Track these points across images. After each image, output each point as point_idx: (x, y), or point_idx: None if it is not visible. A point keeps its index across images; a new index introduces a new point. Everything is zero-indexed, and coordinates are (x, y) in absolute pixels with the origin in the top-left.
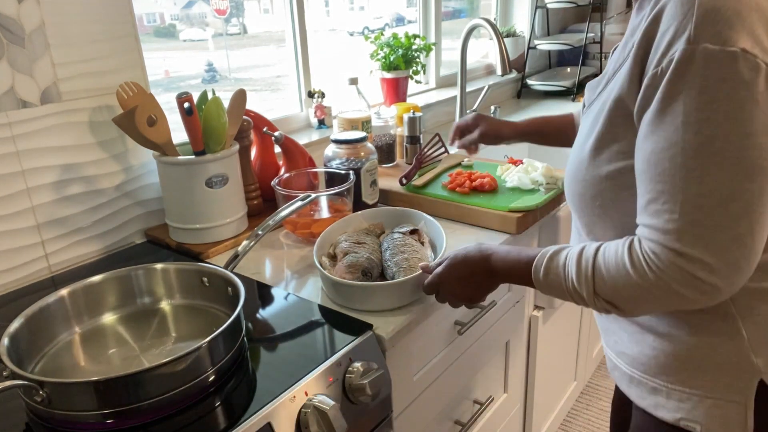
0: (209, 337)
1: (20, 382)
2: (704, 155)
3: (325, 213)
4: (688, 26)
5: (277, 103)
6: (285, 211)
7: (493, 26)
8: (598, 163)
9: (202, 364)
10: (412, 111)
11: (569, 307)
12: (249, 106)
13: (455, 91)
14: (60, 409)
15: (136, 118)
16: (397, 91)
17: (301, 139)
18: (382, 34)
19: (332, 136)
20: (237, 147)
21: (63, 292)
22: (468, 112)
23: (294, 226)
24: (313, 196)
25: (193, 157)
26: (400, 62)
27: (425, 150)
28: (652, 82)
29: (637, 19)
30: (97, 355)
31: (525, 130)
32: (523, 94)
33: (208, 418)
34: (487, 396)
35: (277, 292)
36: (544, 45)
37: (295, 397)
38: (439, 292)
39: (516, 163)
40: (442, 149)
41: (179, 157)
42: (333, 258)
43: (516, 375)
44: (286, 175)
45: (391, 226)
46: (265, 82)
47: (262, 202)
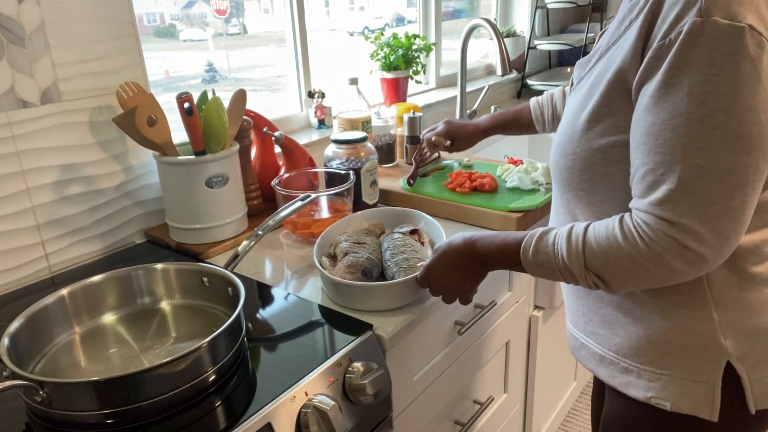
0: (209, 337)
1: (20, 382)
2: (707, 127)
3: (325, 213)
4: (698, 0)
5: (277, 103)
6: (285, 211)
7: (493, 26)
8: (591, 136)
9: (202, 364)
10: (412, 111)
11: None
12: (249, 106)
13: (455, 91)
14: (60, 409)
15: (136, 118)
16: (397, 91)
17: (301, 139)
18: (382, 34)
19: (332, 136)
20: (237, 147)
21: (63, 292)
22: (468, 112)
23: (294, 226)
24: (313, 196)
25: (193, 157)
26: (400, 62)
27: (424, 150)
28: (657, 53)
29: (629, 2)
30: (97, 355)
31: (488, 127)
32: (523, 94)
33: (208, 418)
34: (487, 396)
35: (277, 292)
36: (544, 45)
37: (295, 397)
38: (430, 284)
39: (516, 163)
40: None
41: (179, 157)
42: (333, 258)
43: (516, 375)
44: (286, 175)
45: (391, 226)
46: (265, 82)
47: (262, 202)
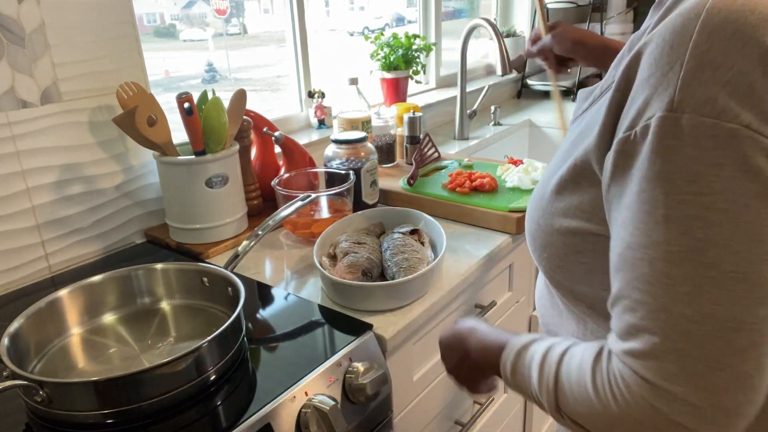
0: (209, 337)
1: (20, 382)
2: (695, 266)
3: (325, 213)
4: (672, 83)
5: (277, 103)
6: (285, 211)
7: (493, 26)
8: (554, 211)
9: (202, 364)
10: (412, 111)
11: None
12: (249, 106)
13: (455, 91)
14: (60, 409)
15: (136, 118)
16: (397, 91)
17: (301, 139)
18: (382, 34)
19: (332, 136)
20: (237, 147)
21: (63, 292)
22: (468, 112)
23: (294, 226)
24: (313, 196)
25: (193, 157)
26: (400, 62)
27: (423, 149)
28: (622, 148)
29: (648, 21)
30: (97, 355)
31: (603, 45)
32: (523, 94)
33: (208, 418)
34: (487, 396)
35: (277, 292)
36: None
37: (295, 397)
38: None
39: (516, 163)
40: (434, 149)
41: (179, 157)
42: (333, 258)
43: None
44: (286, 175)
45: (391, 226)
46: (265, 82)
47: (262, 202)
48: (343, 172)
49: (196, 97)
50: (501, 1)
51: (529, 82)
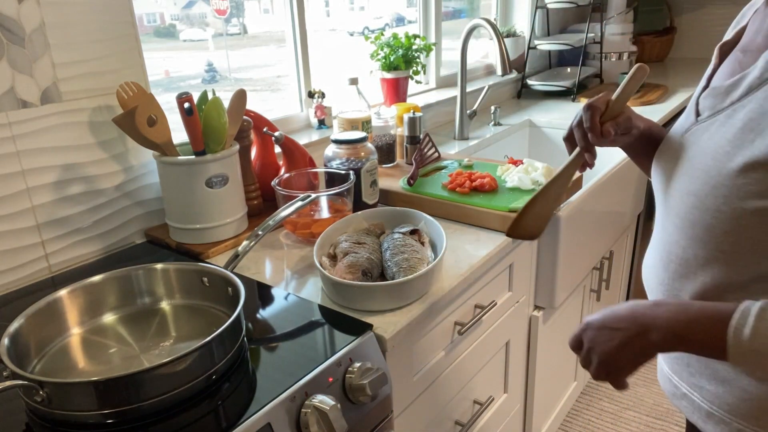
0: (209, 337)
1: (20, 382)
2: None
3: (325, 213)
4: None
5: (277, 103)
6: (285, 211)
7: (493, 26)
8: (744, 194)
9: (202, 364)
10: (412, 111)
11: (569, 307)
12: (249, 106)
13: (455, 91)
14: (60, 409)
15: (136, 118)
16: (397, 91)
17: (301, 139)
18: (382, 34)
19: (332, 136)
20: (237, 147)
21: (63, 292)
22: (468, 112)
23: (294, 226)
24: (313, 196)
25: (193, 157)
26: (400, 62)
27: (423, 150)
28: None
29: None
30: (98, 355)
31: (645, 133)
32: (523, 94)
33: (208, 418)
34: (487, 396)
35: (277, 292)
36: (544, 45)
37: (295, 397)
38: (584, 344)
39: (516, 163)
40: (434, 149)
41: (179, 157)
42: (333, 258)
43: (516, 375)
44: (286, 175)
45: (391, 226)
46: (265, 82)
47: (262, 202)
48: (343, 172)
49: (196, 97)
50: (501, 1)
51: (530, 82)
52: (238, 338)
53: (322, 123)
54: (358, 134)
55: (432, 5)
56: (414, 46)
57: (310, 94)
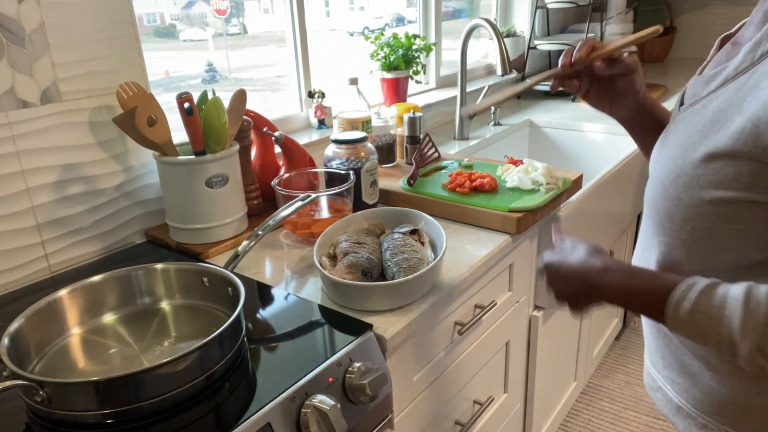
0: (209, 337)
1: (20, 382)
2: None
3: (325, 213)
4: None
5: (277, 103)
6: (285, 211)
7: (493, 26)
8: (702, 184)
9: (202, 364)
10: (412, 111)
11: None
12: (249, 106)
13: (455, 91)
14: (60, 409)
15: (136, 118)
16: (397, 91)
17: (301, 139)
18: (382, 34)
19: (332, 136)
20: (237, 147)
21: (63, 292)
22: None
23: (294, 226)
24: (313, 196)
25: (193, 157)
26: (400, 62)
27: (423, 149)
28: None
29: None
30: (97, 355)
31: (646, 106)
32: (523, 94)
33: (208, 418)
34: (487, 396)
35: (277, 292)
36: (544, 45)
37: (295, 397)
38: (546, 283)
39: (516, 163)
40: (434, 149)
41: (179, 157)
42: (333, 258)
43: (516, 375)
44: (286, 175)
45: (391, 226)
46: (265, 82)
47: (262, 202)
48: (343, 172)
49: (196, 97)
50: (501, 1)
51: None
52: (238, 338)
53: (322, 123)
54: (358, 134)
55: (432, 5)
56: (414, 46)
57: (310, 94)
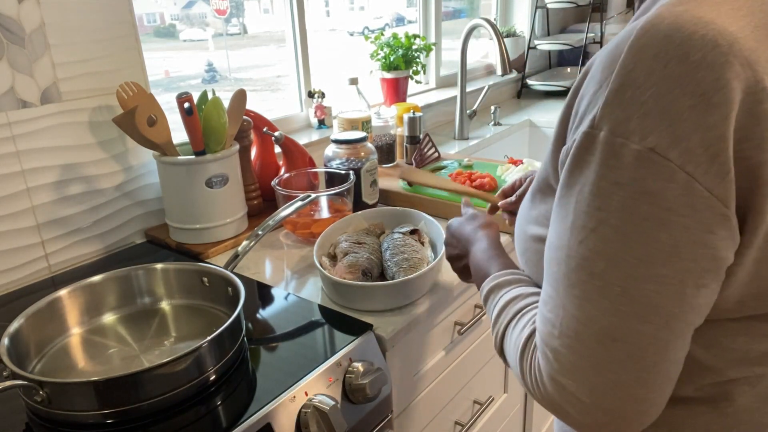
0: (209, 337)
1: (20, 382)
2: (585, 273)
3: (325, 213)
4: (598, 101)
5: (277, 103)
6: (285, 211)
7: (493, 26)
8: (528, 219)
9: (202, 364)
10: (412, 111)
11: None
12: (249, 106)
13: (455, 91)
14: (60, 409)
15: (136, 118)
16: (397, 91)
17: (301, 139)
18: (382, 34)
19: (332, 136)
20: (237, 147)
21: (63, 292)
22: (468, 112)
23: (294, 226)
24: (313, 196)
25: (193, 157)
26: (400, 62)
27: (423, 150)
28: (563, 158)
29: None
30: (97, 355)
31: None
32: (523, 94)
33: (208, 418)
34: (487, 396)
35: (277, 292)
36: (544, 45)
37: (295, 397)
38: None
39: (516, 163)
40: (434, 149)
41: (179, 157)
42: (333, 258)
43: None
44: (286, 175)
45: (391, 226)
46: (265, 82)
47: (262, 202)
48: (343, 172)
49: (196, 97)
50: (501, 1)
51: (529, 82)
52: (238, 338)
53: (322, 123)
54: (358, 134)
55: (432, 5)
56: (414, 46)
57: (310, 94)
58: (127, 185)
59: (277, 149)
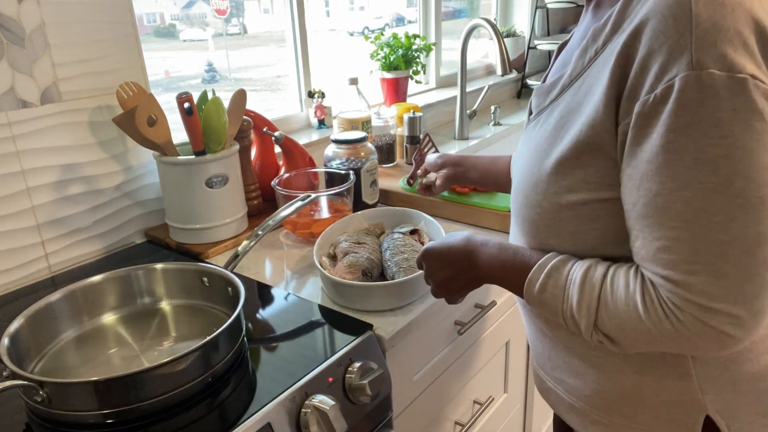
0: (209, 337)
1: (20, 382)
2: (726, 197)
3: (325, 213)
4: (687, 47)
5: (277, 103)
6: (285, 211)
7: (493, 26)
8: (558, 190)
9: (202, 364)
10: (412, 111)
11: None
12: (249, 106)
13: (455, 91)
14: (60, 409)
15: (136, 118)
16: (397, 91)
17: (301, 139)
18: (382, 34)
19: (332, 136)
20: (237, 147)
21: (63, 292)
22: (468, 112)
23: (294, 226)
24: (313, 196)
25: (193, 157)
26: (400, 62)
27: (423, 149)
28: (645, 110)
29: (595, 21)
30: (97, 355)
31: (490, 162)
32: (523, 94)
33: (208, 418)
34: (487, 396)
35: (277, 292)
36: (544, 45)
37: (295, 397)
38: (425, 268)
39: None
40: (434, 149)
41: (179, 157)
42: (333, 258)
43: (516, 375)
44: (286, 175)
45: (391, 226)
46: (265, 82)
47: (262, 202)
48: (343, 172)
49: (196, 97)
50: (501, 1)
51: (529, 82)
52: (238, 338)
53: (322, 123)
54: (358, 134)
55: (432, 5)
56: (414, 46)
57: (310, 94)
58: (127, 185)
59: (277, 149)
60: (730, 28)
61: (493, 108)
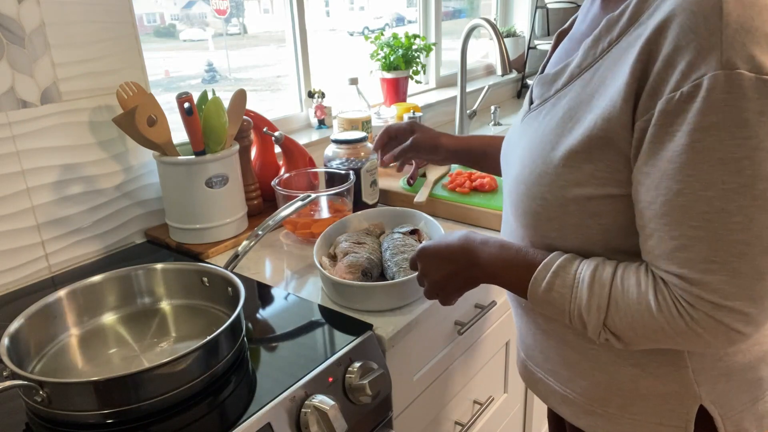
0: (209, 337)
1: (20, 382)
2: (747, 198)
3: (325, 213)
4: (716, 46)
5: (277, 103)
6: (285, 211)
7: (493, 26)
8: (564, 183)
9: (202, 364)
10: (412, 111)
11: None
12: (249, 106)
13: (455, 91)
14: (60, 409)
15: (136, 118)
16: (397, 91)
17: (301, 139)
18: (382, 34)
19: (332, 136)
20: (237, 147)
21: (63, 292)
22: (468, 112)
23: (294, 226)
24: (313, 196)
25: (193, 157)
26: (400, 62)
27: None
28: (669, 107)
29: (605, 10)
30: (97, 355)
31: (465, 147)
32: (523, 94)
33: (208, 418)
34: (487, 396)
35: (277, 292)
36: (544, 45)
37: (295, 397)
38: (419, 269)
39: None
40: None
41: (179, 157)
42: (333, 258)
43: (516, 375)
44: (286, 175)
45: (391, 226)
46: (265, 82)
47: (262, 202)
48: (343, 172)
49: (196, 97)
50: (501, 1)
51: (529, 82)
52: (238, 338)
53: (322, 123)
54: (358, 134)
55: (432, 5)
56: (414, 46)
57: (310, 94)
58: (127, 185)
59: (277, 149)
60: (759, 29)
61: (493, 108)
